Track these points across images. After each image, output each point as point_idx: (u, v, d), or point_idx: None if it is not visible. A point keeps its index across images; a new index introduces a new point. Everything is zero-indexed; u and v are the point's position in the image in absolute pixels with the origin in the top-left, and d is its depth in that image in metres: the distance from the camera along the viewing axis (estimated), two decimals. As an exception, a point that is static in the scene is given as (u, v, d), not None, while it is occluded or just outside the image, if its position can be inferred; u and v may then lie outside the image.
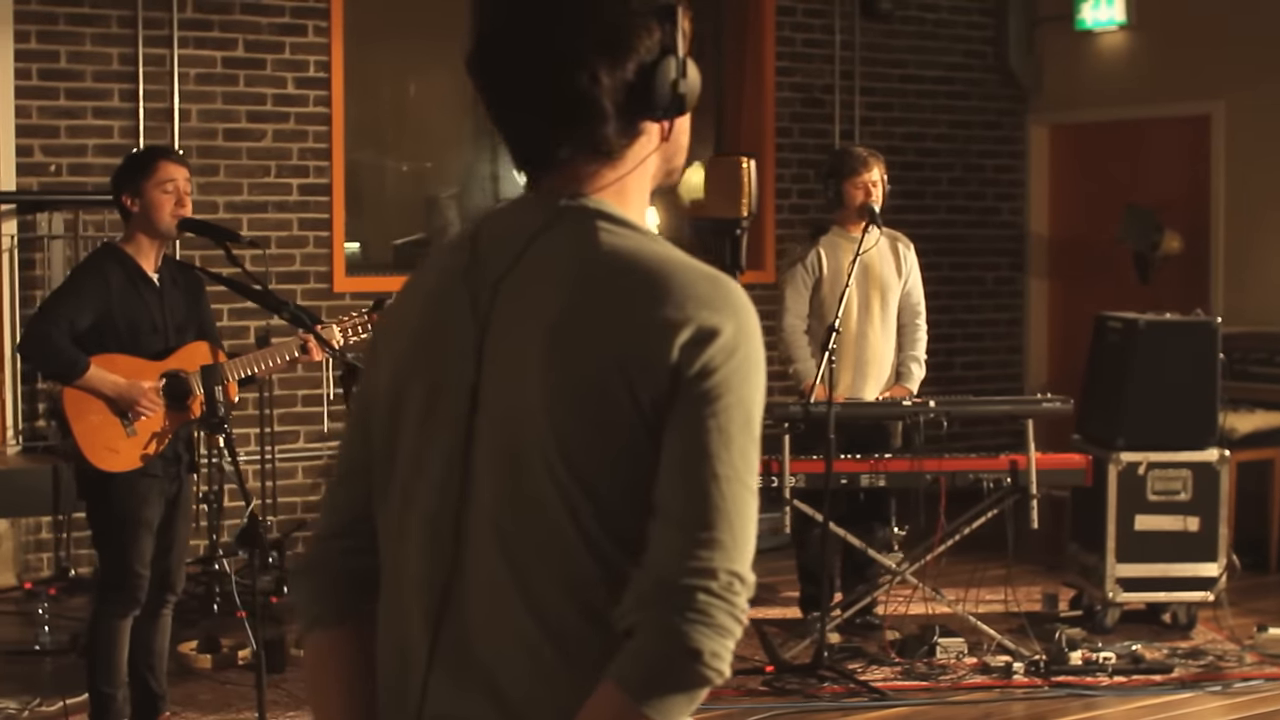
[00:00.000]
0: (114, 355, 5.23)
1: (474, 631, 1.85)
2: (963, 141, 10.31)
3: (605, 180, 1.89)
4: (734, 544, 1.75)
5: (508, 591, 1.82)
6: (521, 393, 1.81)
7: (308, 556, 2.08)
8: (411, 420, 1.91)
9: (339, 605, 2.03)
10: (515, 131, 1.91)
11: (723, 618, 1.74)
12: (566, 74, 1.84)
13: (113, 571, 5.25)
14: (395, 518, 1.93)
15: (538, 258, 1.86)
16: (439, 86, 9.68)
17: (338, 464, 2.08)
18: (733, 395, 1.77)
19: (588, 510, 1.78)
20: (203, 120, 8.14)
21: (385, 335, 2.01)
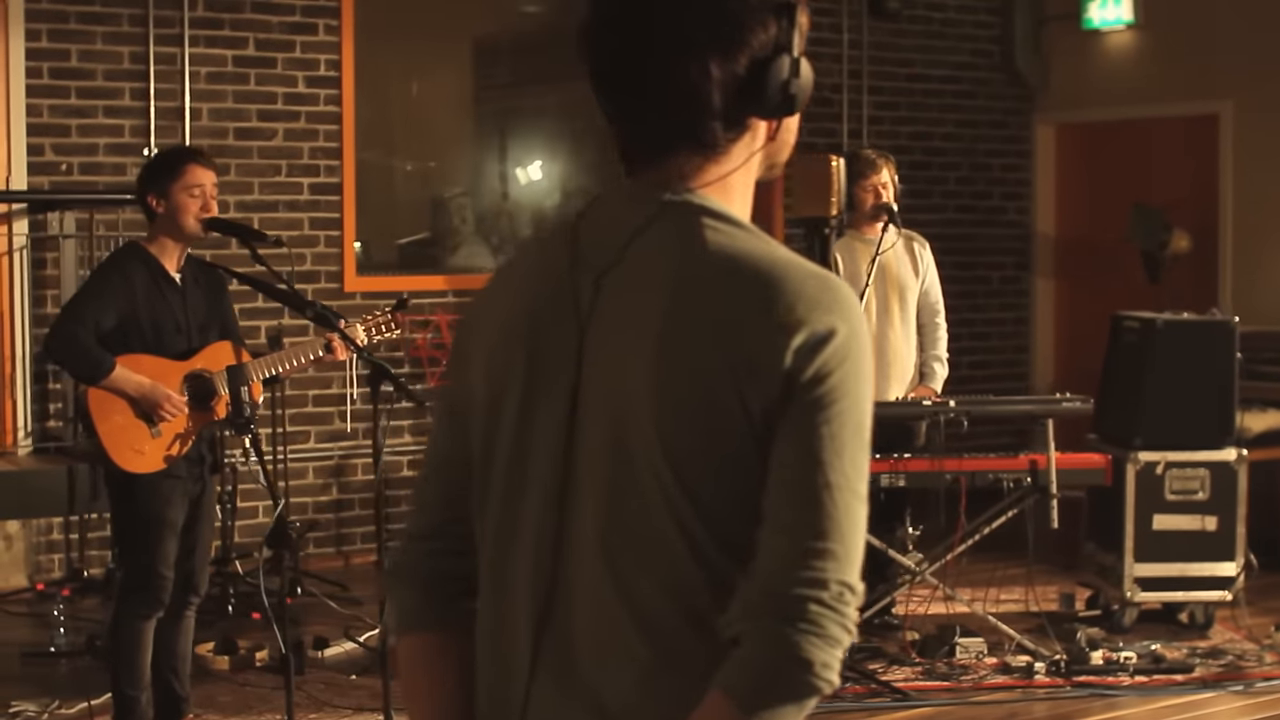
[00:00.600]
0: (139, 356, 5.20)
1: (577, 638, 1.82)
2: (969, 141, 10.31)
3: (709, 176, 1.86)
4: (845, 554, 1.73)
5: (611, 598, 1.79)
6: (625, 395, 1.78)
7: (398, 559, 2.04)
8: (510, 419, 1.88)
9: (433, 608, 2.01)
10: (621, 119, 1.88)
11: (834, 628, 1.71)
12: (678, 63, 1.81)
13: (136, 573, 5.23)
14: (495, 519, 1.91)
15: (642, 254, 1.82)
16: (443, 86, 9.66)
17: (426, 462, 2.04)
18: (846, 401, 1.74)
19: (693, 515, 1.75)
20: (213, 119, 8.11)
21: (475, 331, 1.96)
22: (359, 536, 8.62)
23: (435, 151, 9.60)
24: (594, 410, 1.81)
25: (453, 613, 2.00)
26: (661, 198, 1.84)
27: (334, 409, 8.48)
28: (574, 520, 1.82)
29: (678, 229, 1.82)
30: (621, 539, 1.78)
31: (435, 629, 2.00)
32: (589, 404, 1.82)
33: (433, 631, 2.00)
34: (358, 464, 8.60)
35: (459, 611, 1.99)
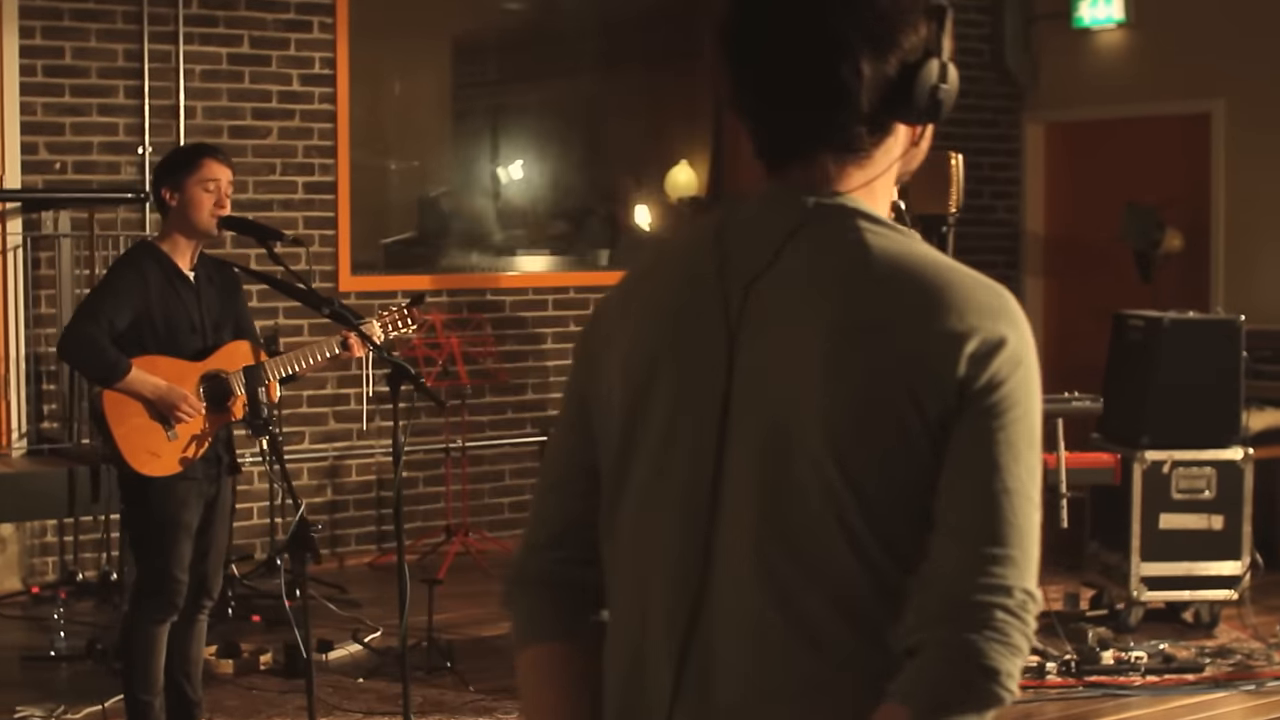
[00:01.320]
0: (154, 357, 5.13)
1: (727, 649, 1.78)
2: (959, 139, 10.26)
3: (854, 180, 1.83)
4: (1025, 561, 1.70)
5: (767, 606, 1.75)
6: (787, 400, 1.74)
7: (521, 568, 2.00)
8: (652, 426, 1.83)
9: (559, 619, 1.96)
10: (763, 119, 1.84)
11: (1017, 636, 1.68)
12: (829, 62, 1.77)
13: (151, 577, 5.15)
14: (631, 526, 1.86)
15: (798, 258, 1.78)
16: (424, 84, 9.59)
17: (548, 469, 1.99)
18: (1020, 408, 1.72)
19: (862, 522, 1.72)
20: (208, 117, 8.04)
21: (607, 337, 1.92)
22: (354, 538, 8.56)
23: (417, 151, 9.53)
24: (748, 416, 1.77)
25: (581, 623, 1.95)
26: (812, 201, 1.81)
27: (329, 409, 8.42)
28: (724, 524, 1.78)
29: (835, 232, 1.79)
30: (782, 548, 1.74)
31: (563, 640, 1.95)
32: (742, 409, 1.78)
33: (560, 642, 1.95)
34: (352, 465, 8.54)
35: (587, 622, 1.95)
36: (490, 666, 6.55)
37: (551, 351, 9.07)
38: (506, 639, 7.07)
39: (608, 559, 1.91)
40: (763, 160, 1.86)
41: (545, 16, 10.06)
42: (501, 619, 7.38)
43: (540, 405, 9.06)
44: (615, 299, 1.95)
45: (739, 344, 1.79)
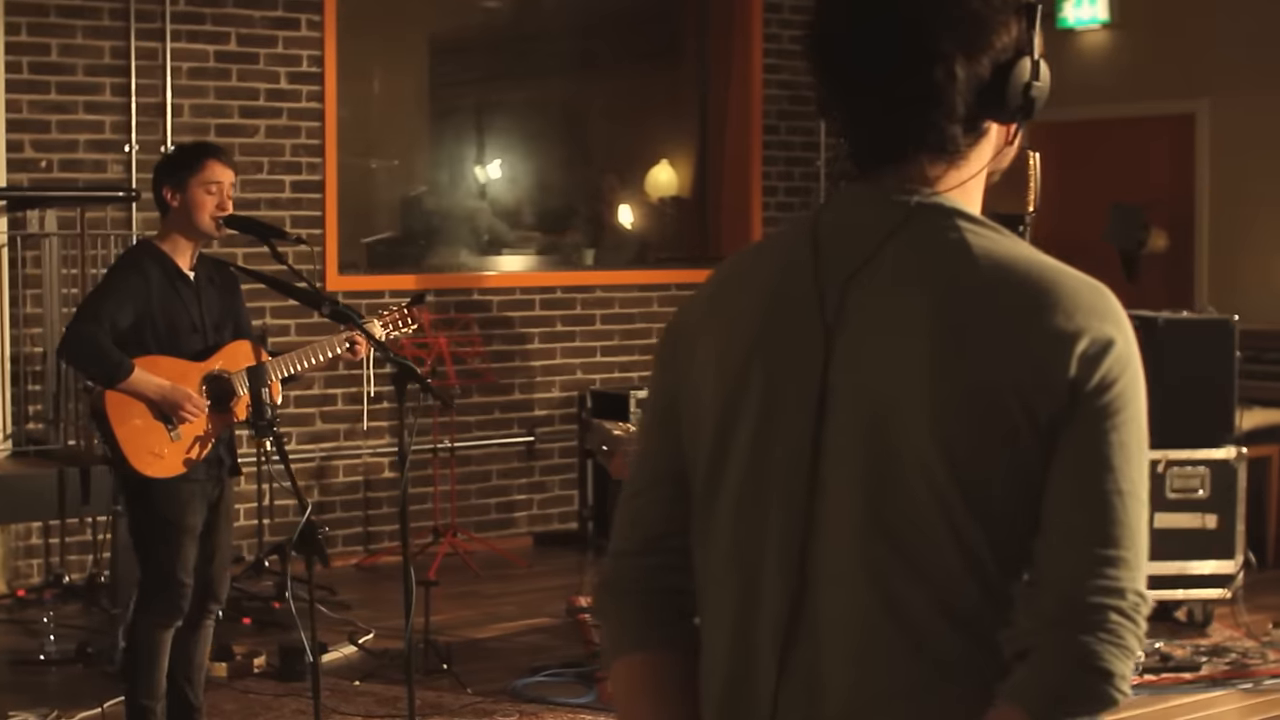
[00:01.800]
0: (156, 357, 5.08)
1: (832, 653, 1.75)
2: (943, 139, 10.28)
3: (950, 181, 1.81)
4: (1137, 562, 1.70)
5: (873, 609, 1.73)
6: (889, 400, 1.72)
7: (611, 576, 1.97)
8: (747, 424, 1.81)
9: (656, 627, 1.93)
10: (857, 121, 1.82)
11: (1131, 639, 1.68)
12: (923, 64, 1.76)
13: (155, 580, 5.10)
14: (727, 532, 1.83)
15: (899, 257, 1.77)
16: (402, 82, 9.54)
17: (636, 475, 1.96)
18: (1131, 408, 1.72)
19: (970, 521, 1.70)
20: (195, 115, 7.98)
21: (696, 337, 1.89)
22: (340, 539, 8.51)
23: (397, 150, 9.48)
24: (848, 415, 1.75)
25: (676, 631, 1.92)
26: (910, 201, 1.79)
27: (315, 409, 8.36)
28: (826, 531, 1.76)
29: (935, 232, 1.78)
30: (888, 550, 1.72)
31: (659, 648, 1.92)
32: (841, 409, 1.76)
33: (656, 651, 1.92)
34: (339, 465, 8.49)
35: (683, 629, 1.92)
36: (486, 669, 6.51)
37: (538, 351, 9.03)
38: (501, 641, 7.05)
39: (701, 563, 1.88)
40: (857, 162, 1.84)
41: (524, 16, 10.03)
42: (493, 620, 7.37)
43: (527, 405, 9.02)
44: (701, 300, 1.93)
45: (836, 343, 1.77)
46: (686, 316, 1.94)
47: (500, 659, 6.72)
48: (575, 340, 9.16)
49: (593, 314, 9.22)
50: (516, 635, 7.14)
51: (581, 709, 6.03)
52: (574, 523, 9.20)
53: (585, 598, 7.61)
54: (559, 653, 6.76)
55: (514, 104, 10.10)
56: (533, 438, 9.04)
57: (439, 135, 9.81)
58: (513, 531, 9.02)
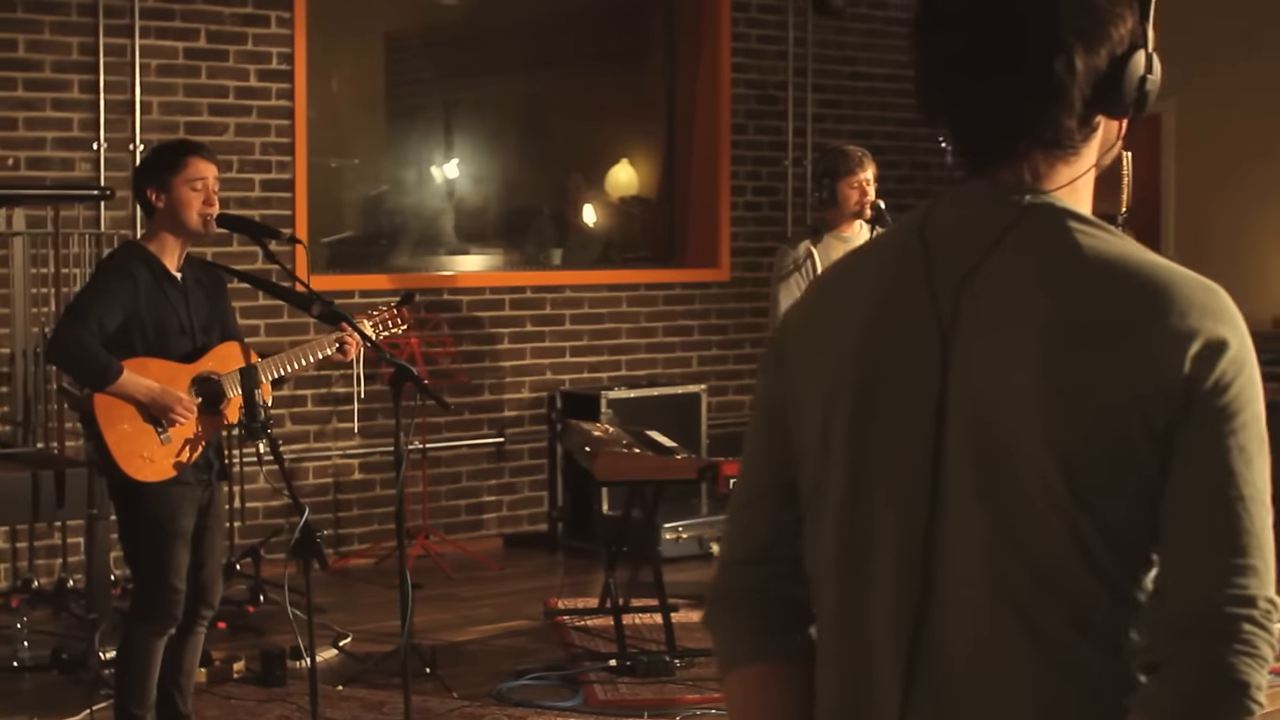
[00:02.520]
0: (145, 359, 5.00)
1: (958, 665, 1.71)
2: (909, 139, 10.30)
3: (1062, 177, 1.78)
4: (1265, 569, 1.66)
5: (1000, 620, 1.69)
6: (1005, 403, 1.68)
7: (723, 586, 1.92)
8: (861, 430, 1.76)
9: (768, 638, 1.89)
10: (970, 116, 1.78)
11: (1264, 648, 1.64)
12: (1042, 57, 1.72)
13: (148, 587, 5.01)
14: (842, 540, 1.79)
15: (1011, 258, 1.73)
16: (359, 81, 9.45)
17: (745, 482, 1.92)
18: (1248, 411, 1.67)
19: (1090, 527, 1.66)
20: (164, 113, 7.87)
21: (802, 341, 1.85)
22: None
23: (357, 149, 9.39)
24: (966, 420, 1.71)
25: (793, 640, 1.89)
26: (1022, 200, 1.75)
27: (286, 410, 8.27)
28: (948, 538, 1.72)
29: (1047, 232, 1.74)
30: (1013, 556, 1.68)
31: (775, 659, 1.88)
32: (960, 413, 1.72)
33: (773, 662, 1.88)
34: (309, 467, 8.40)
35: (799, 639, 1.88)
36: (468, 672, 6.45)
37: (508, 352, 8.97)
38: (480, 644, 6.98)
39: (814, 572, 1.84)
40: (966, 158, 1.80)
41: (479, 15, 9.95)
42: (471, 622, 7.30)
43: (497, 406, 8.96)
44: (807, 306, 1.89)
45: (953, 345, 1.73)
46: (792, 323, 1.90)
47: (481, 662, 6.66)
48: (545, 340, 9.10)
49: (562, 314, 9.16)
50: (495, 638, 7.08)
51: (569, 713, 5.98)
52: (544, 524, 9.15)
53: (562, 600, 7.56)
54: (540, 656, 6.71)
55: (475, 103, 10.03)
56: (503, 439, 8.98)
57: (399, 134, 9.72)
58: (483, 533, 8.96)
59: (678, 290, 9.60)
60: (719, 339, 9.72)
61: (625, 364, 9.38)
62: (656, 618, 6.85)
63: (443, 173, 9.77)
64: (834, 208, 6.95)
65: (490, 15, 9.92)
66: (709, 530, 8.74)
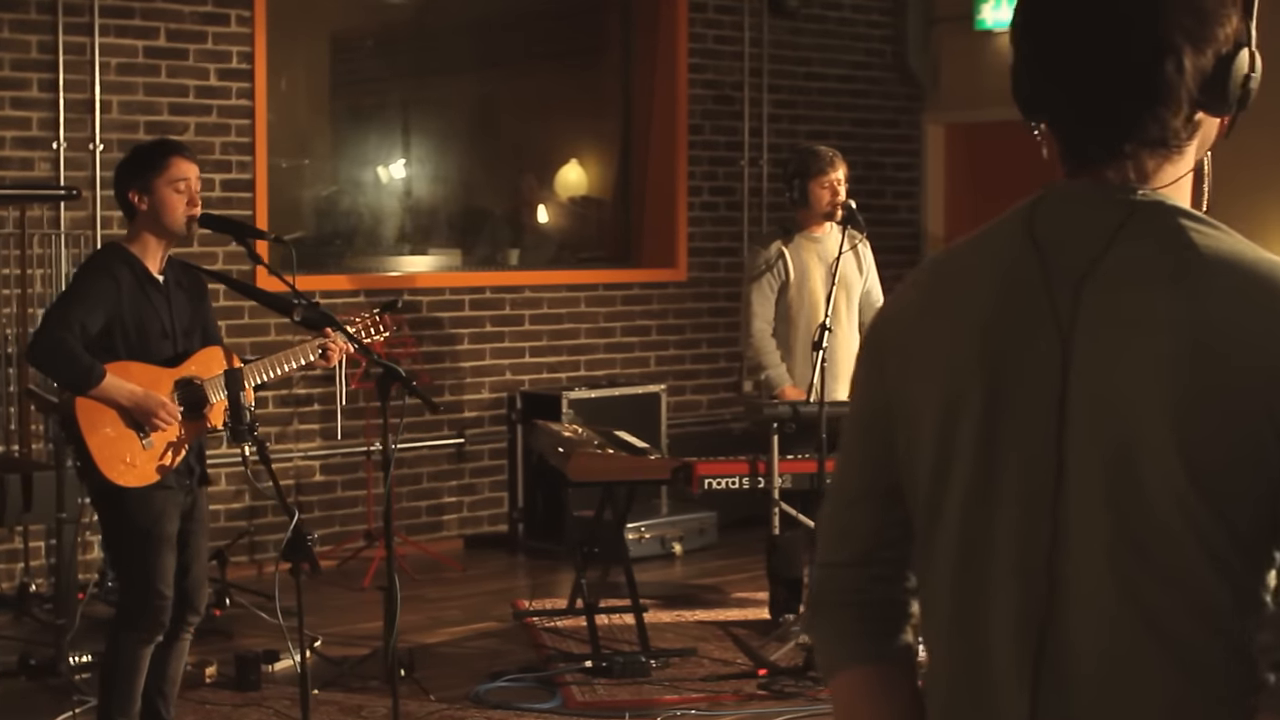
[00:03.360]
0: (127, 363, 4.95)
1: (1085, 668, 1.71)
2: (863, 140, 10.34)
3: (1167, 176, 1.78)
4: None
5: (1126, 622, 1.69)
6: (1132, 405, 1.68)
7: (824, 588, 1.92)
8: (976, 432, 1.76)
9: (871, 641, 1.89)
10: (1077, 116, 1.78)
11: None
12: (1150, 58, 1.73)
13: (134, 593, 4.95)
14: (963, 542, 1.78)
15: (1127, 256, 1.73)
16: (307, 81, 9.39)
17: (844, 484, 1.91)
18: None
19: (1216, 530, 1.66)
20: (124, 112, 7.79)
21: (905, 343, 1.84)
22: (271, 544, 8.35)
23: (306, 149, 9.32)
24: (1089, 422, 1.70)
25: (894, 644, 1.89)
26: (1132, 198, 1.75)
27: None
28: (1071, 543, 1.71)
29: (1161, 230, 1.74)
30: (1138, 560, 1.68)
31: (878, 662, 1.88)
32: (1082, 415, 1.71)
33: (875, 665, 1.88)
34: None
35: (901, 641, 1.88)
36: (443, 675, 6.42)
37: (468, 352, 8.94)
38: (452, 646, 6.96)
39: (925, 577, 1.84)
40: (1071, 157, 1.80)
41: (429, 14, 9.91)
42: (439, 624, 7.27)
43: (457, 407, 8.92)
44: (909, 307, 1.87)
45: (1073, 346, 1.72)
46: (893, 325, 1.88)
47: (455, 664, 6.63)
48: (504, 341, 9.08)
49: (521, 314, 9.14)
50: (466, 640, 7.05)
51: (548, 714, 5.97)
52: (504, 525, 9.12)
53: (530, 601, 7.54)
54: (513, 657, 6.69)
55: (426, 102, 9.97)
56: (463, 439, 8.94)
57: (347, 135, 9.65)
58: (443, 534, 8.92)
59: (636, 290, 9.60)
60: (676, 339, 9.73)
61: (584, 364, 9.37)
62: (626, 618, 6.85)
63: (390, 173, 9.72)
64: (805, 208, 6.97)
65: (440, 14, 9.87)
66: (670, 530, 8.76)
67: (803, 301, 6.86)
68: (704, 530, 8.93)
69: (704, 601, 7.73)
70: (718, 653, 6.70)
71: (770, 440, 6.45)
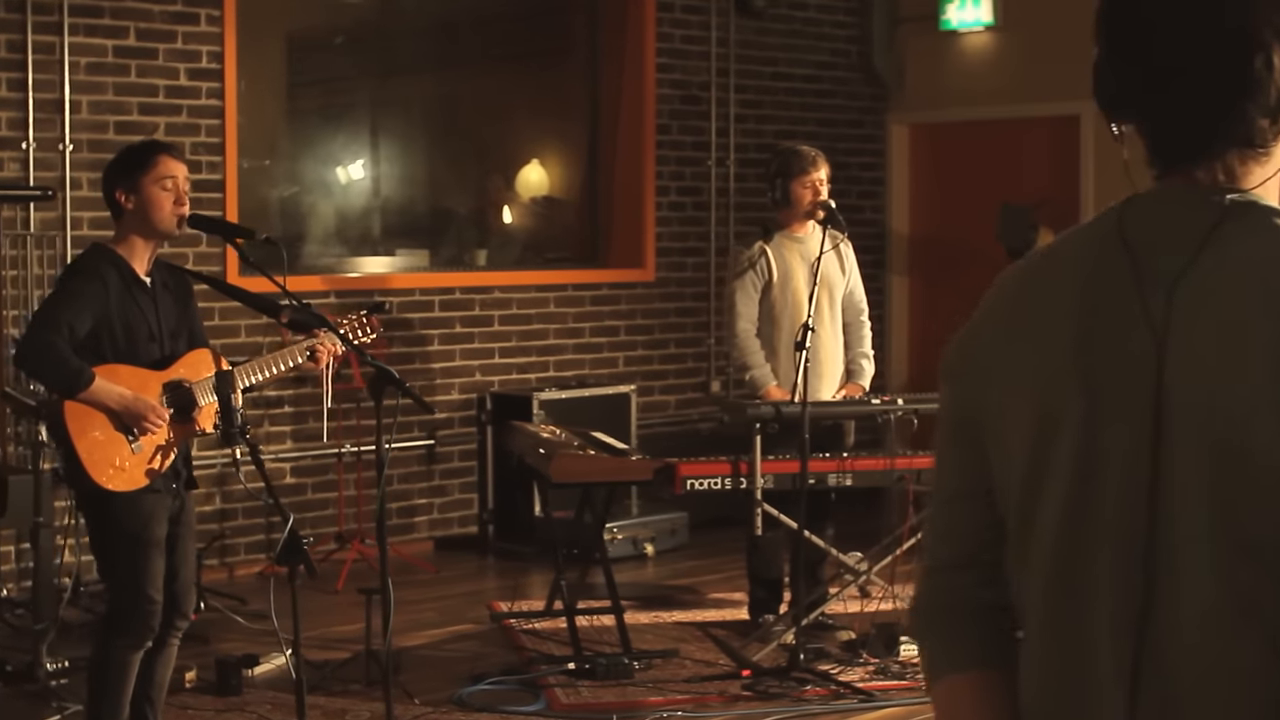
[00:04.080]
0: (115, 366, 4.89)
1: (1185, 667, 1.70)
2: (828, 140, 10.32)
3: (1255, 177, 1.77)
4: None
5: (1227, 620, 1.68)
6: (1237, 406, 1.67)
7: (927, 594, 1.92)
8: (1069, 437, 1.75)
9: (976, 646, 1.88)
10: (1165, 118, 1.78)
11: None
12: (1240, 56, 1.72)
13: (123, 598, 4.90)
14: (1049, 546, 1.77)
15: (1223, 257, 1.72)
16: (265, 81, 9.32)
17: (941, 486, 1.91)
18: None
19: None
20: (93, 112, 7.72)
21: (993, 346, 1.84)
22: (243, 547, 8.31)
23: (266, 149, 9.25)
24: (1185, 419, 1.70)
25: (1000, 648, 1.88)
26: (1223, 200, 1.75)
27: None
28: (1172, 546, 1.71)
29: (1256, 230, 1.73)
30: (1243, 563, 1.67)
31: (984, 666, 1.88)
32: (1181, 418, 1.70)
33: (985, 669, 1.88)
34: (241, 473, 8.26)
35: (1006, 646, 1.88)
36: (424, 677, 6.39)
37: (438, 353, 8.90)
38: (431, 648, 6.92)
39: (1022, 581, 1.83)
40: (1160, 159, 1.80)
41: (385, 15, 9.85)
42: (417, 627, 7.23)
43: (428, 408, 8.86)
44: (995, 312, 1.87)
45: (1168, 347, 1.72)
46: (979, 330, 1.88)
47: (436, 667, 6.60)
48: (474, 342, 9.05)
49: (491, 315, 9.12)
50: (445, 642, 7.02)
51: (533, 717, 5.95)
52: (474, 526, 9.09)
53: (512, 604, 7.51)
54: (493, 659, 6.66)
55: (387, 103, 9.91)
56: (433, 441, 8.91)
57: (313, 134, 9.58)
58: (414, 536, 8.89)
59: (604, 291, 9.59)
60: (644, 339, 9.72)
61: (553, 365, 9.35)
62: (604, 620, 6.84)
63: (351, 173, 9.66)
64: (787, 208, 6.98)
65: (405, 14, 9.82)
66: (642, 531, 8.75)
67: (786, 301, 6.87)
68: (675, 530, 8.93)
69: (680, 602, 7.73)
70: (699, 654, 6.70)
71: (753, 440, 6.44)
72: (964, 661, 1.89)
